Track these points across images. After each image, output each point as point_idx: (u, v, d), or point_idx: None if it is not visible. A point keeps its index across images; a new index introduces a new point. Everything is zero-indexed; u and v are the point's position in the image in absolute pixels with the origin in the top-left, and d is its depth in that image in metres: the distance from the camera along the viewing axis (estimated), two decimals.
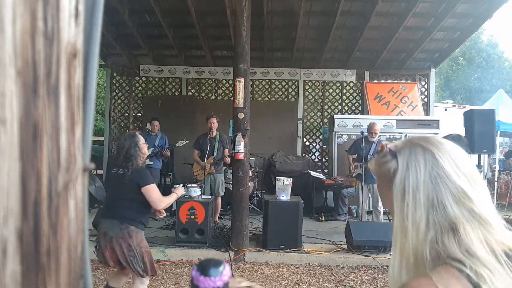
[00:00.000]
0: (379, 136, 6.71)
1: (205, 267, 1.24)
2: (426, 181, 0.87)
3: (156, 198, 3.24)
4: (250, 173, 6.70)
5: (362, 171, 6.39)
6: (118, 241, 3.10)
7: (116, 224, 3.13)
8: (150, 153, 7.52)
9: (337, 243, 5.75)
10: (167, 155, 7.40)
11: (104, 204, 3.31)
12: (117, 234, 3.11)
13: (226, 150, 6.60)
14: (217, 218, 6.74)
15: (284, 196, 5.57)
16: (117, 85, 9.94)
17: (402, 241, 0.89)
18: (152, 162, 7.31)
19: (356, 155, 6.57)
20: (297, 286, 4.50)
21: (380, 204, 6.45)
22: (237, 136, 5.39)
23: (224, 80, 9.90)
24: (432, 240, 0.84)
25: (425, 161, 0.89)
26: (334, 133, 8.34)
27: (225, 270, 1.28)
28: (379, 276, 4.84)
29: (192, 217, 5.42)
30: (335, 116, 8.60)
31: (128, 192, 3.21)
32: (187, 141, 7.21)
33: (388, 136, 7.99)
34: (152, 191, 3.23)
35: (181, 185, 3.73)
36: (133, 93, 9.99)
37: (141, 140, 3.33)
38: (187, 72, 9.75)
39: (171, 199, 3.41)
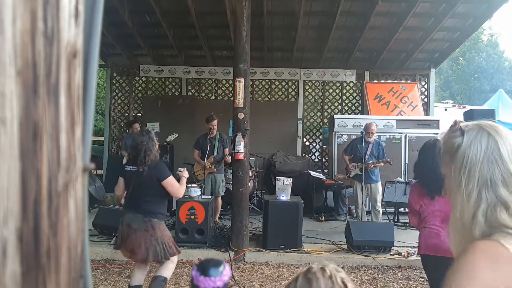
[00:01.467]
0: (376, 136, 6.71)
1: (205, 267, 1.24)
2: (483, 162, 0.98)
3: (176, 189, 3.46)
4: (250, 173, 6.70)
5: (359, 171, 6.39)
6: (141, 233, 3.30)
7: (140, 217, 3.33)
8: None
9: (337, 243, 5.75)
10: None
11: (127, 198, 3.47)
12: (141, 227, 3.30)
13: (227, 150, 6.59)
14: (217, 218, 6.74)
15: (284, 196, 5.57)
16: (117, 85, 9.94)
17: (454, 205, 1.02)
18: None
19: (352, 155, 6.57)
20: None
21: (378, 203, 6.46)
22: (237, 136, 5.39)
23: (224, 80, 9.90)
24: (484, 210, 0.95)
25: (487, 145, 0.99)
26: (334, 133, 8.34)
27: (225, 270, 1.28)
28: (379, 276, 4.84)
29: (192, 217, 5.42)
30: (335, 116, 8.60)
31: (149, 187, 3.38)
32: (177, 135, 7.25)
33: (388, 136, 7.99)
34: (171, 183, 3.42)
35: (185, 168, 3.89)
36: (133, 93, 9.99)
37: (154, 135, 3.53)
38: (187, 72, 9.76)
39: (184, 184, 3.60)
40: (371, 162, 6.35)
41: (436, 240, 2.73)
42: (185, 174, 3.67)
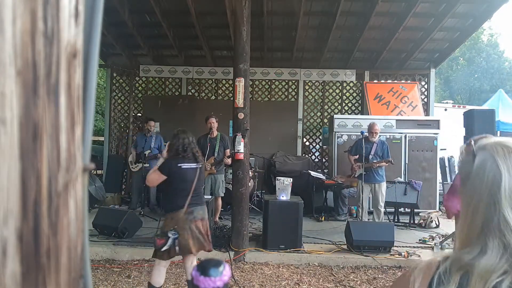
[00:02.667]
0: (380, 135, 6.71)
1: (205, 267, 1.24)
2: (485, 200, 0.86)
3: None
4: (250, 173, 6.70)
5: (364, 171, 6.39)
6: (206, 222, 3.69)
7: (204, 208, 3.75)
8: (146, 155, 7.57)
9: (337, 243, 5.75)
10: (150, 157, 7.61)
11: (193, 194, 3.64)
12: (206, 216, 3.73)
13: (227, 150, 6.60)
14: (217, 218, 6.75)
15: (284, 196, 5.57)
16: (117, 85, 9.94)
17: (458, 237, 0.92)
18: (148, 165, 7.38)
19: (358, 155, 6.57)
20: (297, 286, 4.50)
21: (381, 203, 6.46)
22: (237, 136, 5.39)
23: (224, 80, 9.89)
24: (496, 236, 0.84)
25: (492, 178, 0.86)
26: (334, 133, 8.34)
27: (225, 270, 1.28)
28: (379, 276, 4.84)
29: None
30: (335, 116, 8.60)
31: (203, 180, 3.87)
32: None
33: (388, 136, 7.99)
34: None
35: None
36: (133, 93, 9.98)
37: None
38: (187, 72, 9.75)
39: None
40: (374, 161, 6.36)
41: None
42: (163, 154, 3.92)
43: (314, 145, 10.02)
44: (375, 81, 9.69)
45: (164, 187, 3.68)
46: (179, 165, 3.58)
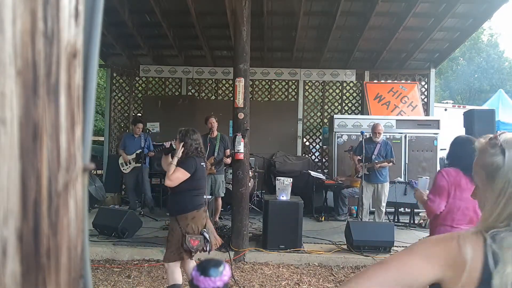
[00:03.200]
0: (383, 136, 6.71)
1: (205, 267, 1.23)
2: None
3: None
4: (250, 173, 6.70)
5: (367, 171, 6.38)
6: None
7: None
8: (135, 155, 7.57)
9: (337, 243, 5.75)
10: (152, 156, 7.68)
11: (201, 193, 3.71)
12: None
13: (228, 151, 6.60)
14: (217, 218, 6.75)
15: (284, 196, 5.57)
16: (117, 85, 9.94)
17: (484, 217, 1.00)
18: (140, 164, 7.40)
19: (361, 155, 6.56)
20: (297, 286, 4.50)
21: (383, 203, 6.46)
22: (237, 136, 5.39)
23: (224, 80, 9.89)
24: None
25: None
26: (334, 133, 8.35)
27: (225, 270, 1.28)
28: None
29: None
30: (335, 116, 8.60)
31: None
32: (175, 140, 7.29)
33: (388, 136, 7.99)
34: None
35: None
36: (133, 93, 9.98)
37: None
38: (187, 72, 9.76)
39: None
40: (376, 162, 6.35)
41: None
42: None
43: (314, 145, 10.02)
44: (375, 81, 9.69)
45: (175, 187, 3.58)
46: (201, 164, 3.64)
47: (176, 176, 3.54)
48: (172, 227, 3.65)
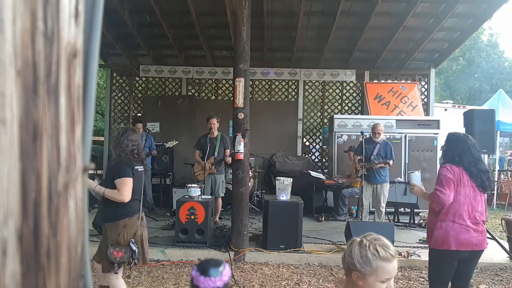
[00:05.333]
0: (383, 136, 6.70)
1: (205, 267, 1.24)
2: None
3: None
4: (250, 173, 6.71)
5: (366, 171, 6.37)
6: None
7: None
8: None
9: (337, 243, 5.75)
10: (155, 155, 7.65)
11: (142, 199, 3.34)
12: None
13: (228, 150, 6.60)
14: (217, 218, 6.75)
15: (284, 196, 5.57)
16: (117, 85, 9.94)
17: None
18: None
19: (361, 155, 6.56)
20: (297, 286, 4.50)
21: (383, 204, 6.46)
22: (237, 136, 5.39)
23: (224, 80, 9.90)
24: None
25: None
26: (334, 133, 8.34)
27: (225, 270, 1.28)
28: None
29: (192, 217, 5.42)
30: (335, 116, 8.60)
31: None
32: (177, 142, 7.33)
33: (388, 136, 7.99)
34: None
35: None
36: (133, 93, 9.98)
37: None
38: (187, 72, 9.76)
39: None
40: (374, 162, 6.35)
41: (467, 236, 2.98)
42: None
43: (314, 145, 10.02)
44: (375, 81, 9.69)
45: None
46: (137, 168, 3.26)
47: (126, 189, 3.13)
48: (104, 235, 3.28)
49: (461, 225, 3.01)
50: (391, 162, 6.39)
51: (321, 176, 8.05)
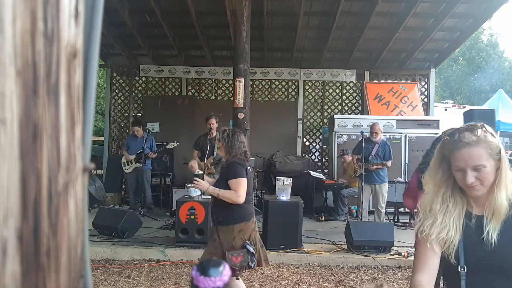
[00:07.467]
0: (383, 136, 6.69)
1: (205, 267, 1.23)
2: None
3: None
4: None
5: (364, 171, 6.37)
6: None
7: None
8: (135, 155, 7.58)
9: (337, 243, 5.75)
10: (153, 157, 7.63)
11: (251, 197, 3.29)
12: None
13: None
14: None
15: (284, 196, 5.57)
16: (117, 85, 9.94)
17: (500, 187, 1.37)
18: (141, 165, 7.41)
19: (360, 155, 6.56)
20: (297, 286, 4.50)
21: (382, 204, 6.46)
22: None
23: (224, 80, 9.90)
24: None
25: None
26: (334, 133, 8.34)
27: (225, 270, 1.28)
28: (379, 276, 4.83)
29: (192, 217, 5.42)
30: (335, 116, 8.60)
31: None
32: (178, 143, 7.33)
33: (388, 136, 8.00)
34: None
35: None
36: (133, 93, 9.98)
37: None
38: (187, 72, 9.76)
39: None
40: (371, 163, 6.35)
41: None
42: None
43: (314, 145, 10.02)
44: (375, 81, 9.69)
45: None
46: (248, 167, 3.24)
47: (242, 190, 3.07)
48: (215, 239, 3.20)
49: None
50: (389, 163, 6.37)
51: (321, 176, 8.06)
